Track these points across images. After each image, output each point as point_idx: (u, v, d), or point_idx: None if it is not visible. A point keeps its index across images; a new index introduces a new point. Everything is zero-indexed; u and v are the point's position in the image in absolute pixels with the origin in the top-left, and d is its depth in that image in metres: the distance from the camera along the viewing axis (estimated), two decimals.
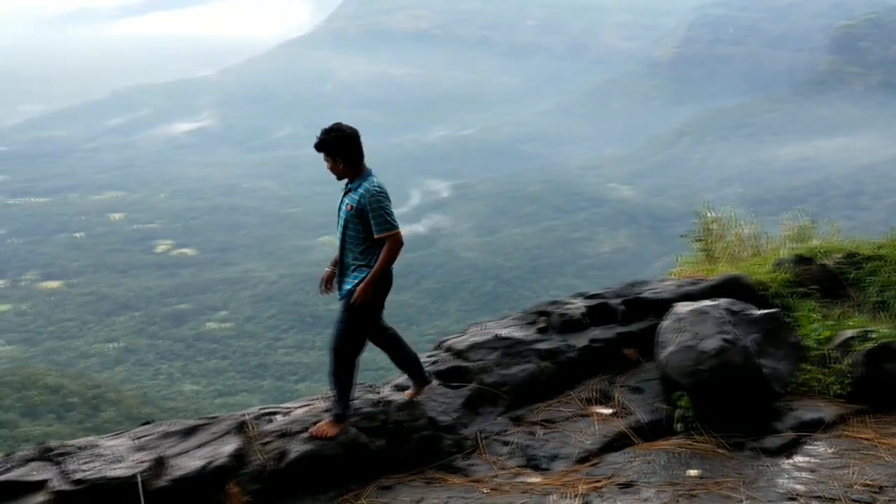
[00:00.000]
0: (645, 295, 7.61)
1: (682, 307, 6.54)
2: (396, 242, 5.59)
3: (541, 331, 7.16)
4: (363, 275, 5.62)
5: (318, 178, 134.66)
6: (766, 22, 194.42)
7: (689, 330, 6.20)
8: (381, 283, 5.69)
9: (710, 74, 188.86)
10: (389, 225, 5.57)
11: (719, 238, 10.03)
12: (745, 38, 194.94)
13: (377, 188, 5.63)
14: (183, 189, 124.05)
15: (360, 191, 5.64)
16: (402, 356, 6.15)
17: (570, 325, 7.21)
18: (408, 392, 6.22)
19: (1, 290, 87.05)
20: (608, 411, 6.37)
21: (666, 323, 6.48)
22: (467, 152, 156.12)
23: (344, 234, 5.78)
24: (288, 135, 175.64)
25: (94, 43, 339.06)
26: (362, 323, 5.71)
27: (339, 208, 5.83)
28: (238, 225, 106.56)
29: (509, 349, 6.81)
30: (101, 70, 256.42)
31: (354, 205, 5.64)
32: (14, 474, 4.94)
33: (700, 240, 10.10)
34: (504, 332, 7.05)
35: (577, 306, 7.48)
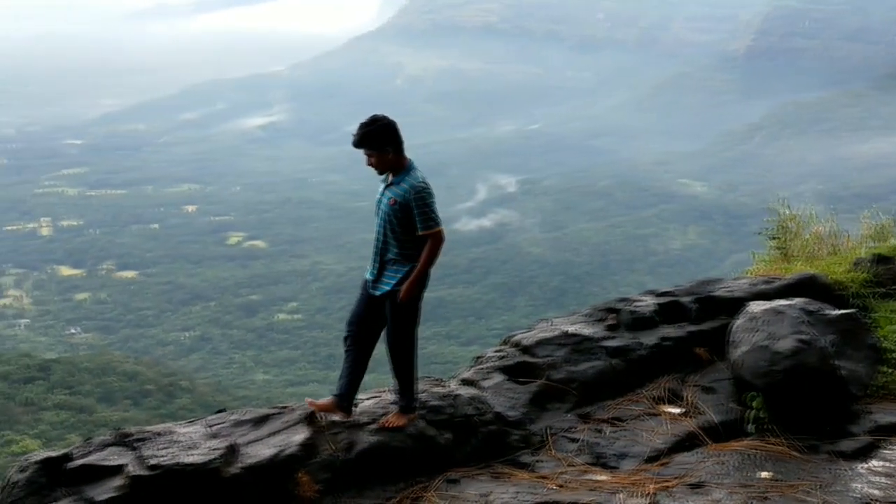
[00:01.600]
0: (718, 293, 7.48)
1: (757, 306, 6.41)
2: (439, 240, 5.49)
3: (610, 328, 7.09)
4: (402, 272, 5.51)
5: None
6: (843, 15, 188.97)
7: (763, 330, 6.08)
8: (424, 281, 5.61)
9: (785, 68, 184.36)
10: (433, 222, 5.44)
11: (795, 236, 9.80)
12: (822, 31, 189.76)
13: (422, 183, 5.49)
14: (255, 182, 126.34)
15: (405, 185, 5.49)
16: (358, 373, 5.74)
17: (640, 322, 7.12)
18: (325, 401, 5.73)
19: (79, 280, 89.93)
20: (678, 411, 6.28)
21: (739, 322, 6.36)
22: (535, 147, 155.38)
23: (384, 229, 5.59)
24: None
25: (169, 38, 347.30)
26: (411, 320, 5.63)
27: (380, 202, 5.62)
28: (308, 218, 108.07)
29: (578, 346, 6.76)
30: (177, 65, 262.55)
31: (399, 199, 5.47)
32: (93, 458, 5.10)
33: (775, 237, 9.89)
34: (572, 329, 7.00)
35: (648, 304, 7.39)
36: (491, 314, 79.25)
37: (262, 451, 5.21)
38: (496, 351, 6.98)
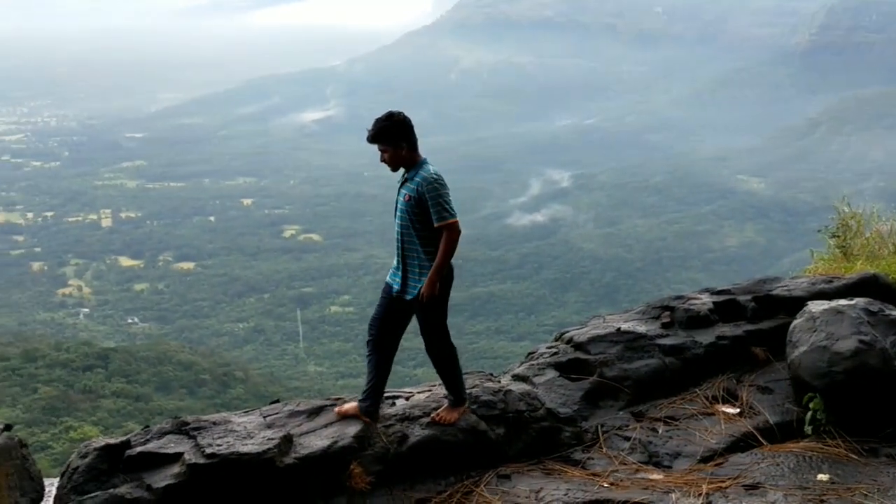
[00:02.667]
0: (776, 292, 7.35)
1: (816, 306, 6.29)
2: (454, 232, 5.38)
3: (665, 326, 7.01)
4: (428, 270, 5.45)
5: (440, 167, 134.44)
6: None
7: (823, 330, 5.96)
8: (446, 276, 5.55)
9: (848, 63, 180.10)
10: (448, 213, 5.36)
11: (857, 234, 9.57)
12: (888, 25, 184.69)
13: (434, 175, 5.43)
14: (311, 176, 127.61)
15: (418, 179, 5.43)
16: (381, 377, 5.68)
17: (696, 320, 7.03)
18: (348, 406, 5.67)
19: (139, 270, 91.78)
20: (734, 411, 6.20)
21: (798, 322, 6.25)
22: (590, 142, 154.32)
23: (403, 229, 5.52)
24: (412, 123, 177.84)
25: (228, 33, 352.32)
26: (440, 316, 5.62)
27: (397, 201, 5.57)
28: (362, 212, 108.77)
29: (632, 343, 6.70)
30: (235, 60, 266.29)
31: (413, 195, 5.42)
32: (152, 446, 5.21)
33: (836, 236, 9.67)
34: (626, 326, 6.94)
35: (704, 302, 7.29)
36: (542, 310, 78.92)
37: (316, 441, 5.27)
38: (549, 347, 6.95)
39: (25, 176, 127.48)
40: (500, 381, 6.31)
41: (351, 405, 5.66)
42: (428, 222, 5.39)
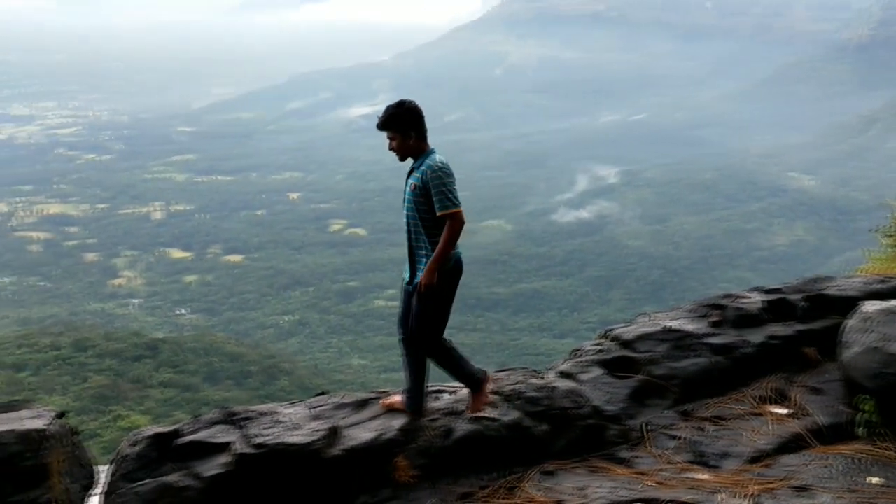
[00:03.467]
0: (828, 291, 7.22)
1: (870, 306, 6.15)
2: (458, 222, 5.30)
3: (714, 324, 6.92)
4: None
5: (485, 163, 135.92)
6: None
7: (876, 330, 5.83)
8: (451, 270, 5.44)
9: None
10: (451, 202, 5.28)
11: None
12: None
13: (439, 164, 5.34)
14: (357, 171, 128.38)
15: (423, 168, 5.36)
16: (418, 373, 5.62)
17: (745, 319, 6.93)
18: (394, 399, 5.72)
19: (188, 263, 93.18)
20: (784, 411, 6.10)
21: (851, 322, 6.13)
22: (637, 137, 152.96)
23: (410, 219, 5.46)
24: (458, 119, 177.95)
25: (277, 29, 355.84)
26: (436, 309, 5.46)
27: (405, 190, 5.49)
28: None
29: (679, 342, 6.63)
30: (285, 55, 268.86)
31: (418, 183, 5.36)
32: (201, 435, 5.29)
33: (890, 235, 9.47)
34: (674, 324, 6.86)
35: (754, 301, 7.19)
36: (585, 307, 78.50)
37: (362, 434, 5.31)
38: (594, 344, 6.91)
39: (79, 168, 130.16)
40: (544, 378, 6.28)
41: (396, 398, 5.68)
42: (433, 212, 5.33)
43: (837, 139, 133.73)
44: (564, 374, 6.40)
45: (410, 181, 5.43)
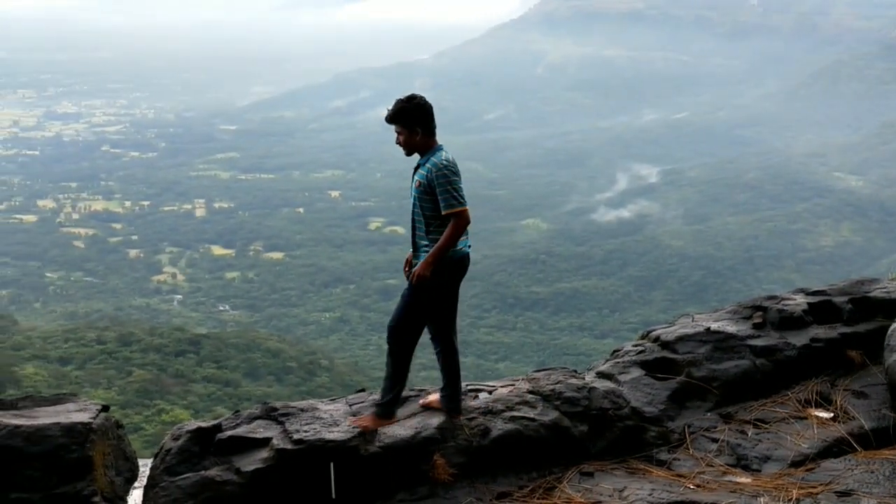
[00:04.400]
0: (874, 294, 7.09)
1: None
2: (462, 220, 5.24)
3: (756, 326, 6.84)
4: None
5: (525, 161, 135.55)
6: None
7: None
8: (452, 267, 5.40)
9: None
10: (456, 201, 5.22)
11: None
12: None
13: (445, 161, 5.29)
14: (396, 169, 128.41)
15: (429, 165, 5.33)
16: (453, 374, 5.66)
17: (788, 321, 6.84)
18: (432, 398, 5.75)
19: (230, 259, 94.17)
20: (827, 415, 6.01)
21: None
22: (679, 136, 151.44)
23: (414, 215, 5.49)
24: (498, 117, 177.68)
25: (320, 28, 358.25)
26: (422, 304, 5.43)
27: (412, 186, 5.51)
28: None
29: (721, 343, 6.56)
30: (326, 54, 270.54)
31: (423, 180, 5.34)
32: (242, 430, 5.36)
33: None
34: (716, 326, 6.79)
35: (798, 302, 7.09)
36: (626, 307, 77.90)
37: (399, 431, 5.34)
38: (634, 345, 6.86)
39: (124, 166, 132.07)
40: (583, 378, 6.25)
41: (433, 397, 5.69)
42: (437, 209, 5.30)
43: (884, 139, 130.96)
44: (604, 375, 6.37)
45: (416, 178, 5.44)
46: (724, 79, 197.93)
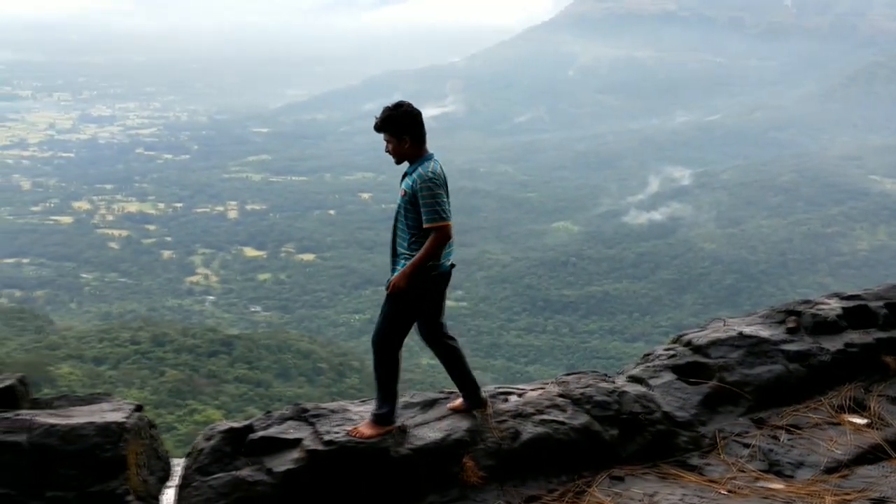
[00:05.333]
0: None
1: None
2: (443, 235, 5.08)
3: (790, 331, 6.77)
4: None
5: (556, 163, 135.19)
6: None
7: None
8: (432, 282, 5.26)
9: None
10: (438, 216, 5.07)
11: None
12: None
13: (431, 173, 5.14)
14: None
15: (415, 175, 5.19)
16: (458, 372, 5.60)
17: (823, 326, 6.76)
18: (457, 403, 5.69)
19: (262, 261, 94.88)
20: (862, 421, 5.93)
21: None
22: (713, 139, 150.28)
23: (396, 223, 5.35)
24: (529, 120, 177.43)
25: (352, 31, 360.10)
26: (401, 316, 5.29)
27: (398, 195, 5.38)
28: (477, 208, 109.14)
29: (754, 348, 6.49)
30: (359, 56, 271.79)
31: (409, 190, 5.20)
32: (273, 431, 5.39)
33: None
34: (749, 330, 6.73)
35: (832, 307, 7.00)
36: (657, 311, 77.40)
37: (429, 434, 5.34)
38: (666, 349, 6.81)
39: (158, 168, 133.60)
40: (614, 382, 6.22)
41: (459, 401, 5.67)
42: (419, 219, 5.17)
43: None
44: (635, 379, 6.33)
45: (402, 186, 5.32)
46: (758, 80, 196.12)
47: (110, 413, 5.19)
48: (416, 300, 5.27)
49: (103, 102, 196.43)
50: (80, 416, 5.13)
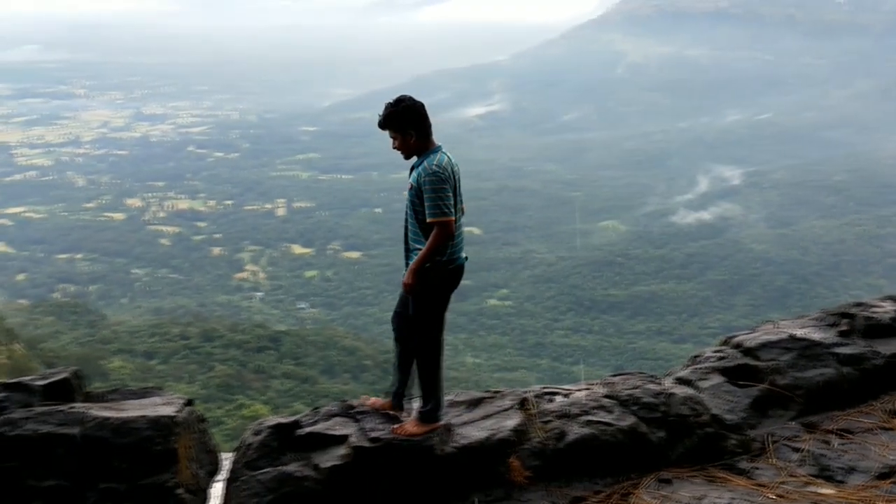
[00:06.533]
0: None
1: None
2: (444, 231, 5.06)
3: (842, 334, 6.64)
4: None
5: (603, 162, 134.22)
6: None
7: None
8: (444, 277, 5.25)
9: None
10: (440, 210, 5.05)
11: None
12: None
13: (436, 166, 5.13)
14: (473, 170, 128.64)
15: (420, 168, 5.20)
16: (403, 373, 5.59)
17: (876, 329, 6.62)
18: (379, 401, 5.69)
19: (309, 258, 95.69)
20: None
21: None
22: (763, 138, 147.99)
23: (406, 216, 5.36)
24: (576, 118, 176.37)
25: (399, 30, 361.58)
26: (424, 311, 5.31)
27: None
28: (522, 207, 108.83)
29: (806, 351, 6.39)
30: (405, 56, 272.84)
31: (414, 184, 5.21)
32: (320, 427, 5.44)
33: None
34: (800, 333, 6.62)
35: (886, 310, 6.86)
36: (706, 312, 76.38)
37: (474, 433, 5.35)
38: (715, 351, 6.73)
39: (208, 166, 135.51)
40: (662, 384, 6.16)
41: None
42: (424, 213, 5.17)
43: None
44: (683, 381, 6.27)
45: (410, 180, 5.31)
46: (810, 79, 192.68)
47: (162, 407, 5.29)
48: (428, 293, 5.26)
49: (156, 101, 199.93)
50: (133, 409, 5.23)
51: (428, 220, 5.10)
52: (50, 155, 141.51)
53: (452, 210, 5.13)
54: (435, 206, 5.07)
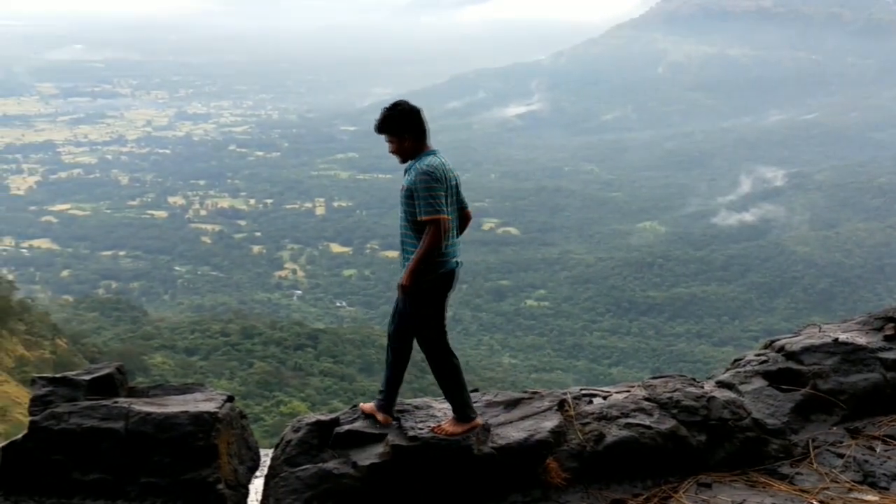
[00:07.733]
0: None
1: None
2: (438, 229, 5.05)
3: (888, 338, 6.52)
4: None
5: (643, 163, 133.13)
6: None
7: None
8: (436, 281, 5.21)
9: None
10: (433, 209, 5.05)
11: None
12: None
13: (427, 167, 5.14)
14: (511, 170, 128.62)
15: (412, 170, 5.23)
16: (394, 379, 5.49)
17: None
18: (368, 405, 5.61)
19: (348, 257, 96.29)
20: None
21: None
22: (807, 138, 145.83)
23: (400, 218, 5.37)
24: (616, 118, 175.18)
25: (439, 29, 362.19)
26: (423, 312, 5.27)
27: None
28: (560, 207, 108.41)
29: (850, 355, 6.28)
30: (445, 55, 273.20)
31: (407, 185, 5.22)
32: (358, 425, 5.47)
33: None
34: (844, 337, 6.51)
35: None
36: (747, 315, 75.50)
37: (512, 433, 5.34)
38: (757, 354, 6.65)
39: (249, 165, 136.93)
40: (702, 387, 6.10)
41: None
42: (417, 215, 5.16)
43: None
44: (724, 385, 6.20)
45: (403, 183, 5.33)
46: (856, 79, 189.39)
47: (203, 403, 5.36)
48: (424, 294, 5.25)
49: (198, 101, 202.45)
50: (175, 405, 5.31)
51: (420, 217, 5.12)
52: (95, 153, 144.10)
53: (445, 208, 5.14)
54: (428, 205, 5.09)
